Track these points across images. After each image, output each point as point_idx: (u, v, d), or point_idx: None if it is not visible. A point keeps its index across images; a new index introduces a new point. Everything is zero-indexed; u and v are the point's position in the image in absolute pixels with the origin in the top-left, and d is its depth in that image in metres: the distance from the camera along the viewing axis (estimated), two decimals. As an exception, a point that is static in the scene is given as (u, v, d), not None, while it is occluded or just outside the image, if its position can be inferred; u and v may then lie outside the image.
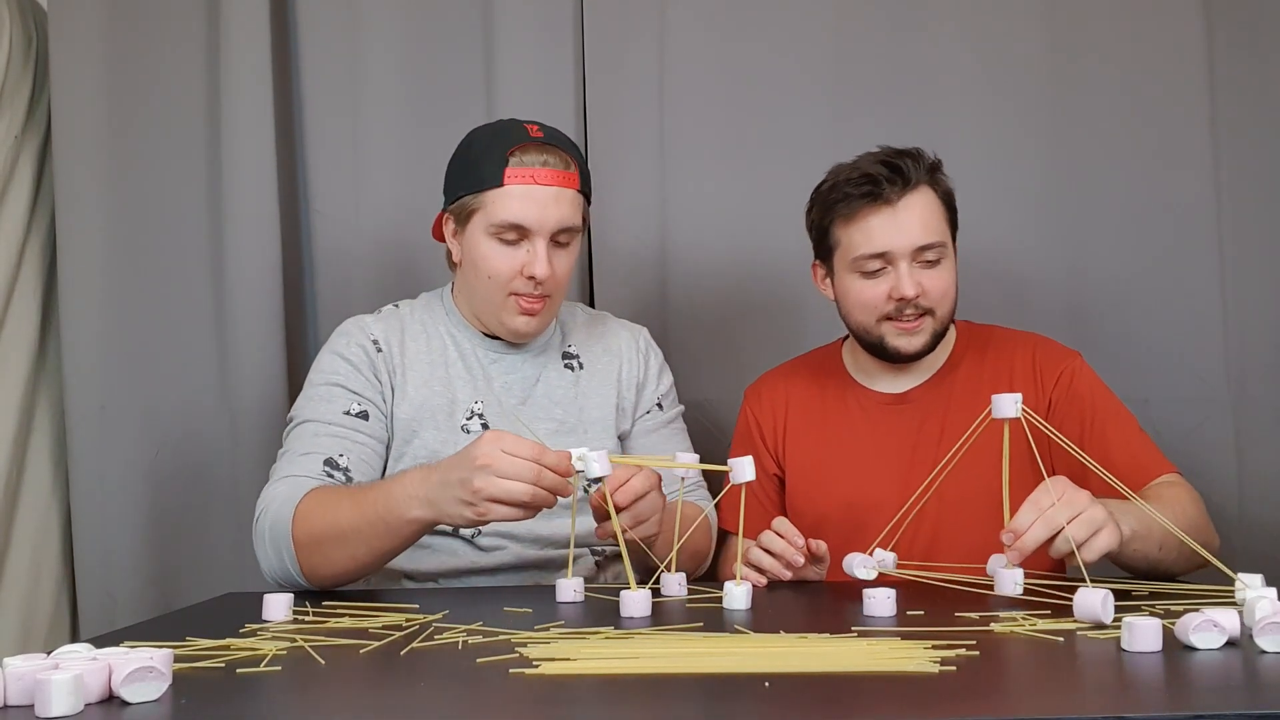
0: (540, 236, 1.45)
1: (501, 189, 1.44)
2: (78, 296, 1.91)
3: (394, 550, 1.33)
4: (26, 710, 0.81)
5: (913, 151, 1.48)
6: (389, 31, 1.96)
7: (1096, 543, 1.13)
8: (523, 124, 1.49)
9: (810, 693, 0.83)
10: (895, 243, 1.45)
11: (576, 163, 1.49)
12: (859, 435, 1.57)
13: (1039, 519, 1.13)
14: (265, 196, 1.90)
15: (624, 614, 1.15)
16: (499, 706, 0.84)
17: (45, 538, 1.89)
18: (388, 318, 1.58)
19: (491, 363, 1.57)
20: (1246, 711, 0.73)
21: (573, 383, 1.59)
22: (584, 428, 1.56)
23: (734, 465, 1.25)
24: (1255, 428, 1.87)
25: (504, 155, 1.44)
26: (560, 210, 1.46)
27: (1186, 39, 1.90)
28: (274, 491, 1.40)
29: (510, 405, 1.54)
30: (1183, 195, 1.90)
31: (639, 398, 1.63)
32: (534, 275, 1.45)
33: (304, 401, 1.50)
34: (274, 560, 1.37)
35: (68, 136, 1.91)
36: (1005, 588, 1.18)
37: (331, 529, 1.31)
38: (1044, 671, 0.90)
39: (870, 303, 1.49)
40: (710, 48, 1.96)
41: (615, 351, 1.63)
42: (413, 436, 1.50)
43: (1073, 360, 1.54)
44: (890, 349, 1.51)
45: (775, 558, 1.33)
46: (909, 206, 1.46)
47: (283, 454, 1.46)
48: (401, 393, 1.51)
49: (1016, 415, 1.19)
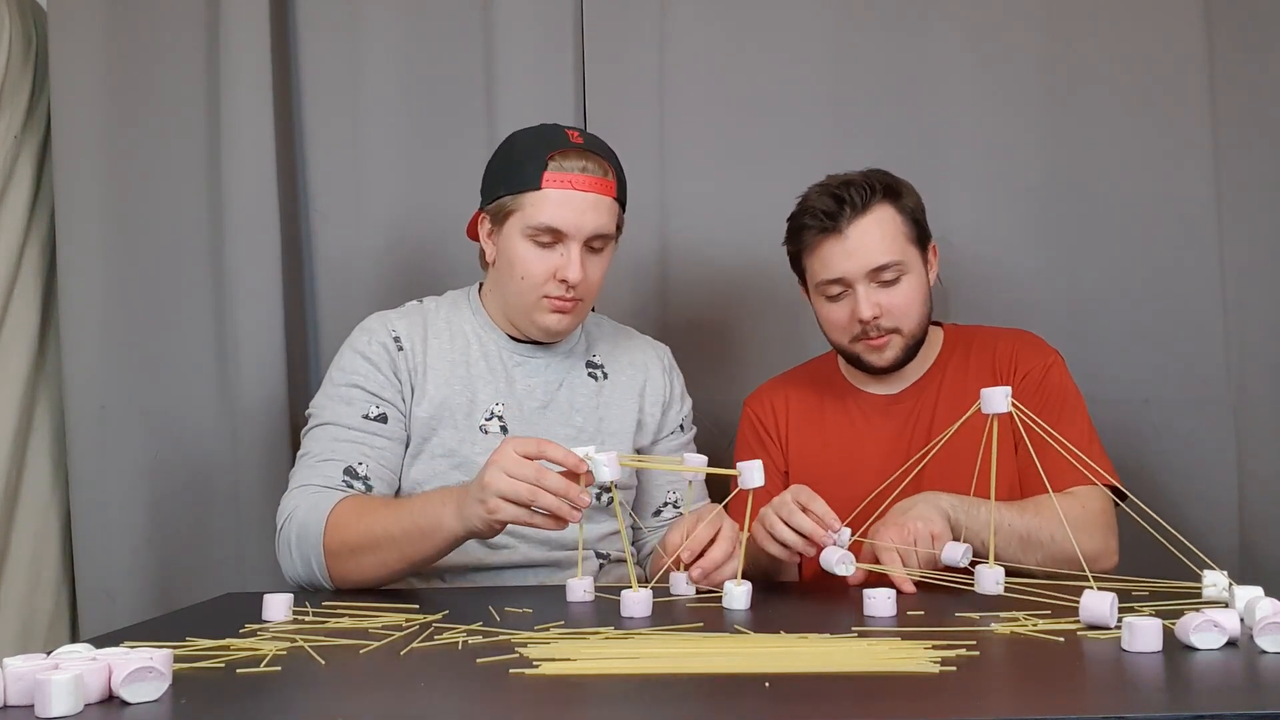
0: (575, 241, 1.46)
1: (539, 192, 1.45)
2: (78, 296, 1.90)
3: (426, 558, 1.35)
4: (26, 710, 0.80)
5: (858, 178, 1.53)
6: (389, 32, 1.96)
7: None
8: (564, 129, 1.50)
9: (810, 693, 0.83)
10: (848, 268, 1.51)
11: (615, 170, 1.50)
12: (857, 436, 1.62)
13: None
14: (265, 196, 1.90)
15: (624, 614, 1.16)
16: (499, 706, 0.84)
17: (45, 538, 1.89)
18: (411, 314, 1.58)
19: (515, 365, 1.57)
20: (1246, 711, 0.73)
21: (595, 391, 1.60)
22: (602, 438, 1.57)
23: (742, 469, 1.25)
24: (1255, 428, 1.87)
25: (544, 159, 1.45)
26: (597, 217, 1.47)
27: (1186, 39, 1.90)
28: (299, 499, 1.42)
29: (531, 409, 1.55)
30: (1183, 196, 1.91)
31: (664, 418, 1.65)
32: (567, 279, 1.46)
33: (324, 401, 1.51)
34: (300, 567, 1.40)
35: (68, 136, 1.91)
36: (985, 586, 1.18)
37: (366, 538, 1.34)
38: (1044, 671, 0.90)
39: (838, 324, 1.56)
40: (710, 48, 1.96)
41: (640, 365, 1.65)
42: (431, 435, 1.50)
43: (1049, 357, 1.58)
44: (866, 364, 1.58)
45: (803, 538, 1.31)
46: (859, 232, 1.51)
47: (302, 456, 1.48)
48: (421, 391, 1.51)
49: (1006, 410, 1.19)
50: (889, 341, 1.54)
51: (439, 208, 1.94)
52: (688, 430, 1.69)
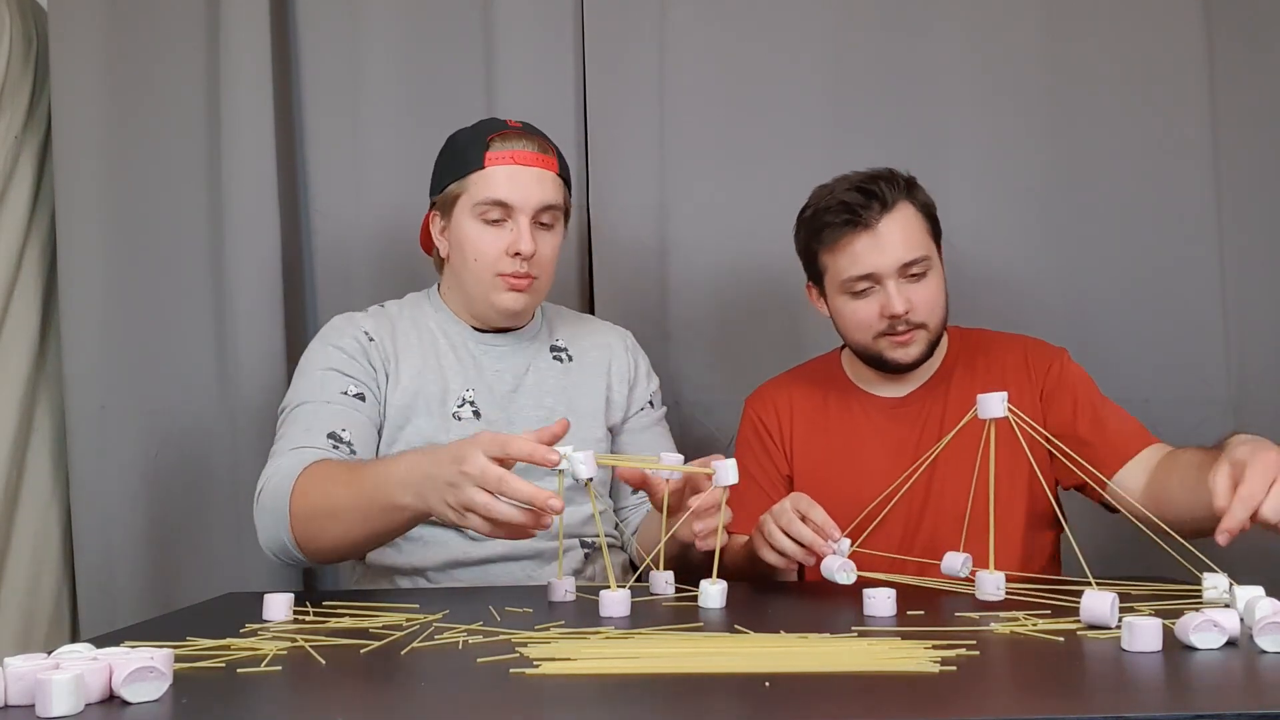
0: (523, 214, 1.49)
1: (483, 171, 1.50)
2: (78, 296, 1.91)
3: (388, 532, 1.31)
4: (27, 710, 0.80)
5: (884, 173, 1.52)
6: (389, 31, 1.96)
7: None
8: (501, 119, 1.56)
9: (810, 693, 0.83)
10: (880, 263, 1.49)
11: (554, 150, 1.55)
12: (863, 439, 1.60)
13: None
14: (265, 196, 1.90)
15: (603, 614, 1.16)
16: (499, 706, 0.84)
17: (45, 538, 1.89)
18: (376, 315, 1.60)
19: (482, 353, 1.59)
20: (1246, 711, 0.73)
21: (562, 373, 1.61)
22: (574, 417, 1.56)
23: (718, 467, 1.24)
24: (1255, 428, 1.86)
25: (485, 141, 1.50)
26: (542, 189, 1.50)
27: (1186, 39, 1.91)
28: (275, 464, 1.40)
29: (501, 393, 1.56)
30: (1183, 196, 1.91)
31: (631, 395, 1.66)
32: (520, 252, 1.48)
33: (298, 388, 1.51)
34: (271, 532, 1.37)
35: (68, 136, 1.91)
36: (986, 591, 1.18)
37: (326, 505, 1.30)
38: (1044, 671, 0.90)
39: (864, 322, 1.53)
40: (710, 48, 1.97)
41: (604, 346, 1.66)
42: (405, 423, 1.51)
43: (1060, 354, 1.59)
44: (889, 362, 1.55)
45: (804, 548, 1.30)
46: (889, 227, 1.49)
47: (281, 437, 1.46)
48: (395, 380, 1.53)
49: (1003, 414, 1.20)
50: (915, 337, 1.52)
51: (439, 207, 1.94)
52: (657, 407, 1.70)
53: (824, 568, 1.26)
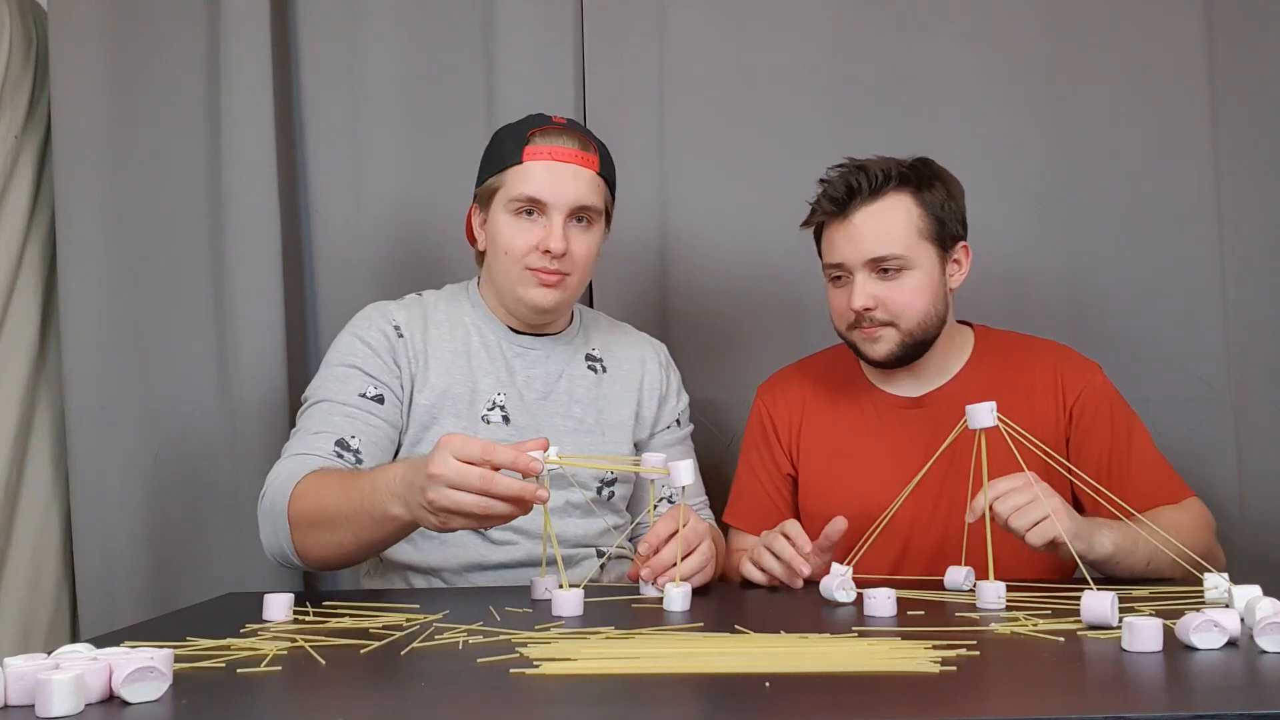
0: (557, 211, 1.48)
1: (521, 165, 1.49)
2: (78, 296, 1.90)
3: (381, 542, 1.30)
4: (27, 710, 0.81)
5: (872, 164, 1.50)
6: (389, 31, 1.96)
7: (1042, 529, 1.21)
8: (549, 115, 1.54)
9: (810, 693, 0.83)
10: (849, 255, 1.49)
11: (597, 147, 1.53)
12: (874, 438, 1.57)
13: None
14: (265, 196, 1.90)
15: (554, 612, 1.18)
16: (499, 706, 0.84)
17: (45, 538, 1.89)
18: (410, 305, 1.58)
19: (515, 355, 1.57)
20: (1246, 711, 0.73)
21: (595, 384, 1.60)
22: (602, 429, 1.57)
23: (673, 468, 1.25)
24: (1255, 428, 1.87)
25: (525, 136, 1.50)
26: (578, 187, 1.49)
27: (1186, 39, 1.90)
28: (279, 469, 1.40)
29: (531, 399, 1.55)
30: (1183, 195, 1.91)
31: (660, 411, 1.65)
32: (550, 249, 1.47)
33: (319, 382, 1.50)
34: (271, 537, 1.37)
35: (68, 136, 1.91)
36: (987, 600, 1.18)
37: (321, 513, 1.30)
38: (1044, 671, 0.90)
39: (837, 310, 1.55)
40: (710, 48, 1.96)
41: (638, 360, 1.65)
42: (432, 423, 1.49)
43: (1094, 375, 1.55)
44: (862, 354, 1.55)
45: (783, 564, 1.34)
46: (865, 219, 1.48)
47: (295, 432, 1.47)
48: (423, 379, 1.51)
49: (993, 424, 1.19)
50: (882, 334, 1.49)
51: (439, 208, 1.94)
52: (684, 426, 1.69)
53: (823, 586, 1.25)
